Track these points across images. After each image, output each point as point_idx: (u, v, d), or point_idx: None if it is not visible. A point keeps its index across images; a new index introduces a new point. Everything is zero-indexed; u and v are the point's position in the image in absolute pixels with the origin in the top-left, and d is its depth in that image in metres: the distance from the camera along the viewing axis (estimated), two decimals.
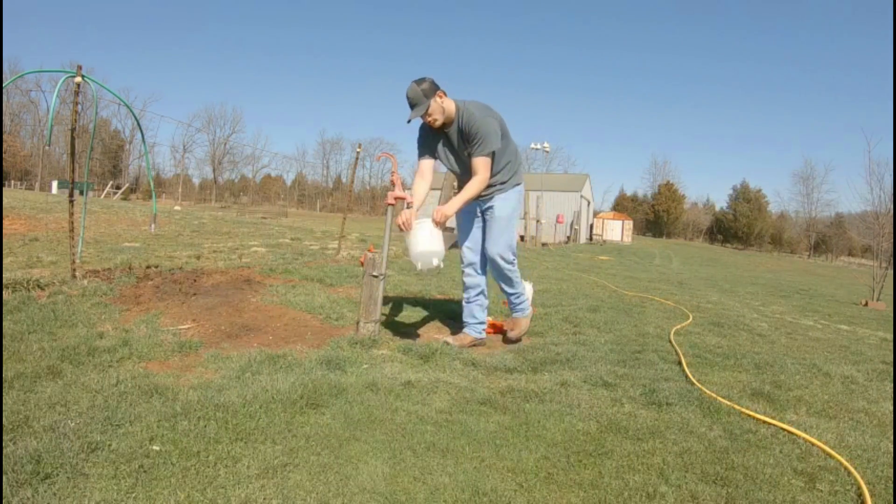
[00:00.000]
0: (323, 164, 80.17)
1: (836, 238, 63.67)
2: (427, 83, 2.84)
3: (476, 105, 2.96)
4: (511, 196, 3.17)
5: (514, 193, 3.18)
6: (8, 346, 2.61)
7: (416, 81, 2.84)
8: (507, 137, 3.08)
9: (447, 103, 2.91)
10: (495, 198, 3.14)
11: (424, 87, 2.83)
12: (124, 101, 5.39)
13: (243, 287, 4.05)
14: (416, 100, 2.83)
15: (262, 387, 2.23)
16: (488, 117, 2.91)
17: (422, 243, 2.87)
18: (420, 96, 2.82)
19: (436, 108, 2.87)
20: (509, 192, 3.16)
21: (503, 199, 3.14)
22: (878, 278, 8.79)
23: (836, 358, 3.46)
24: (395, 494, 1.55)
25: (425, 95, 2.82)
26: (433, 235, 2.89)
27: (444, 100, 2.89)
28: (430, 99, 2.84)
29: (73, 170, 3.95)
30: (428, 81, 2.85)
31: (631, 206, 70.67)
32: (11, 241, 6.66)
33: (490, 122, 2.91)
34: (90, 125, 40.76)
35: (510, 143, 3.15)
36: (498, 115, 3.01)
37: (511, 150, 3.16)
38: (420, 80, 2.85)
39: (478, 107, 2.95)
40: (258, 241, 9.20)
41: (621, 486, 1.65)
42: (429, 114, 2.88)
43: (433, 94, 2.84)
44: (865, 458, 1.91)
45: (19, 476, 1.48)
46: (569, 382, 2.55)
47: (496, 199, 3.14)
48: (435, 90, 2.85)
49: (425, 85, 2.83)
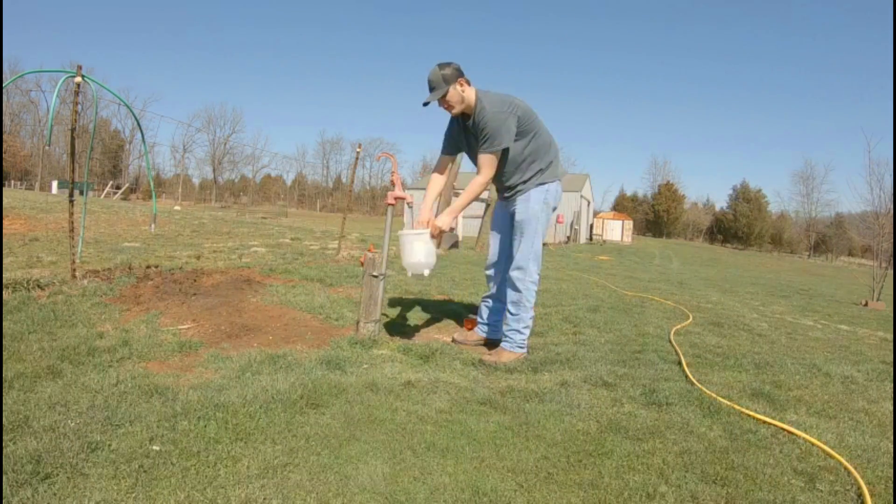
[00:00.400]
0: (323, 164, 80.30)
1: (836, 238, 63.69)
2: (451, 69, 2.72)
3: (494, 98, 2.80)
4: (533, 196, 2.92)
5: (536, 193, 2.92)
6: (8, 346, 2.61)
7: (439, 65, 2.72)
8: (529, 133, 2.87)
9: (468, 92, 2.77)
10: (516, 200, 2.97)
11: (446, 72, 2.70)
12: (124, 101, 5.39)
13: (243, 287, 4.05)
14: (435, 83, 2.72)
15: (262, 387, 2.23)
16: (501, 112, 2.75)
17: (416, 254, 2.86)
18: (440, 81, 2.70)
19: (454, 95, 2.74)
20: (531, 193, 2.93)
21: (523, 200, 2.94)
22: (878, 278, 8.79)
23: (836, 358, 3.46)
24: (395, 494, 1.55)
25: (445, 80, 2.70)
26: (429, 248, 2.87)
27: (465, 88, 2.76)
28: (450, 85, 2.71)
29: (73, 170, 3.95)
30: (452, 67, 2.73)
31: (631, 206, 70.62)
32: (11, 241, 6.67)
33: (501, 117, 2.74)
34: (90, 125, 40.77)
35: (537, 138, 2.90)
36: (519, 110, 2.81)
37: (536, 146, 2.90)
38: (444, 63, 2.73)
39: (494, 100, 2.78)
40: (258, 241, 9.20)
41: (621, 486, 1.65)
42: (446, 100, 2.76)
43: (454, 81, 2.72)
44: (865, 458, 1.91)
45: (19, 476, 1.48)
46: (569, 382, 2.55)
47: (517, 201, 2.97)
48: (457, 77, 2.73)
49: (448, 70, 2.71)
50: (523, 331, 2.93)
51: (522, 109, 2.83)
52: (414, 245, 2.86)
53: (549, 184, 2.95)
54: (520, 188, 2.96)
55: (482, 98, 2.79)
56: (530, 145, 2.88)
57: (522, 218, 2.93)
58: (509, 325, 2.95)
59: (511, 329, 2.94)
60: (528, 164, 2.91)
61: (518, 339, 2.92)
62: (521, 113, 2.82)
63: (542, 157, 2.93)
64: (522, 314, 2.92)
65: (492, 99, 2.79)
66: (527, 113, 2.84)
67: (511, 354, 2.89)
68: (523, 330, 2.93)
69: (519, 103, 2.83)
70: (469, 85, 2.78)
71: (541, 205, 2.93)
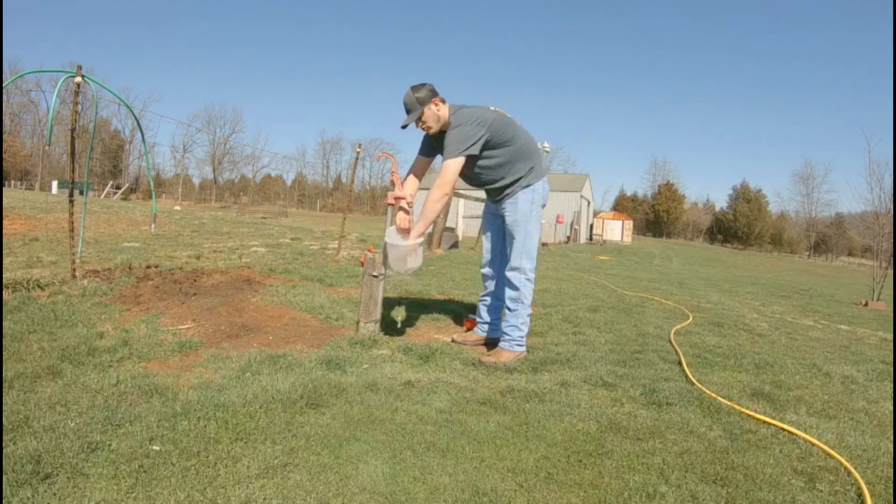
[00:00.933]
0: (323, 164, 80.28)
1: (836, 238, 63.72)
2: (424, 90, 2.80)
3: (462, 113, 2.85)
4: (520, 198, 2.98)
5: (523, 194, 2.99)
6: (8, 346, 2.61)
7: (413, 87, 2.82)
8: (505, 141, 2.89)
9: (443, 111, 2.86)
10: (504, 203, 3.03)
11: (420, 94, 2.79)
12: (124, 101, 5.39)
13: (243, 287, 4.05)
14: (410, 106, 2.81)
15: (262, 387, 2.23)
16: (464, 125, 2.80)
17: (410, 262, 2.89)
18: (414, 103, 2.80)
19: (430, 115, 2.83)
20: (518, 195, 2.99)
21: (511, 203, 3.00)
22: (878, 278, 8.79)
23: (836, 358, 3.46)
24: (395, 494, 1.55)
25: (420, 102, 2.79)
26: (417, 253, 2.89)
27: (440, 107, 2.84)
28: (425, 106, 2.80)
29: (73, 170, 3.95)
30: (426, 88, 2.81)
31: (631, 206, 70.66)
32: (11, 241, 6.67)
33: (463, 129, 2.79)
34: (90, 125, 40.81)
35: (515, 144, 2.92)
36: (489, 122, 2.83)
37: (515, 152, 2.94)
38: (418, 86, 2.82)
39: (462, 115, 2.84)
40: (258, 241, 9.20)
41: (621, 486, 1.65)
42: (423, 121, 2.85)
43: (429, 101, 2.81)
44: (865, 458, 1.91)
45: (19, 476, 1.48)
46: (569, 382, 2.55)
47: (506, 204, 3.02)
48: (432, 97, 2.81)
49: (422, 92, 2.80)
50: (522, 327, 2.95)
51: (494, 121, 2.87)
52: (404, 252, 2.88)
53: (535, 184, 3.01)
54: (507, 192, 3.01)
55: (455, 114, 2.87)
56: (508, 152, 2.94)
57: (513, 220, 2.98)
58: (508, 322, 2.97)
59: (510, 325, 2.95)
60: (508, 169, 2.97)
61: (516, 335, 2.94)
62: (493, 124, 2.86)
63: (524, 161, 2.98)
64: (521, 310, 2.95)
65: (460, 114, 2.86)
66: (499, 123, 2.89)
67: (510, 354, 2.89)
68: (521, 326, 2.95)
69: (490, 115, 2.88)
70: (444, 103, 2.86)
71: (529, 205, 2.99)
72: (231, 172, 72.43)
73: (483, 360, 2.85)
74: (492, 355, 2.89)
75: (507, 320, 2.98)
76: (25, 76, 31.32)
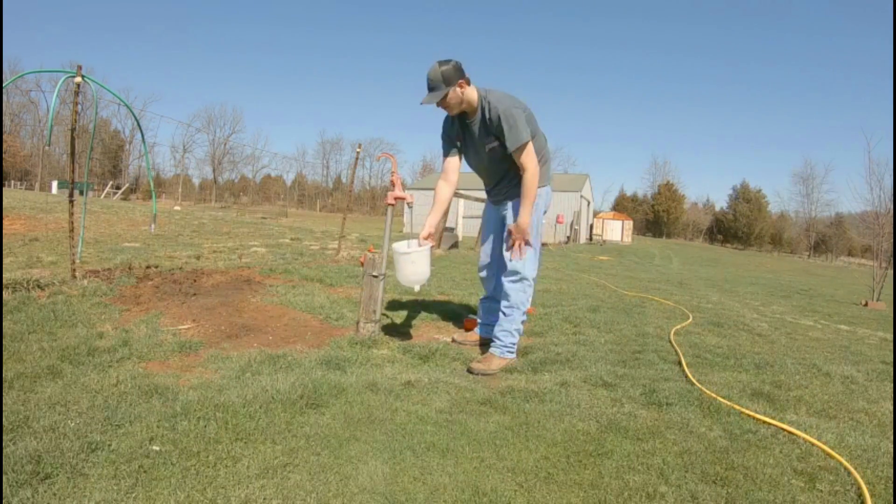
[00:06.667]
0: (323, 164, 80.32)
1: (836, 238, 63.72)
2: (451, 67, 2.60)
3: (501, 95, 2.71)
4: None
5: None
6: (8, 346, 2.61)
7: (439, 62, 2.61)
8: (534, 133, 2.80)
9: (469, 93, 2.68)
10: (507, 205, 2.93)
11: (447, 70, 2.58)
12: (124, 101, 5.39)
13: (243, 287, 4.05)
14: (434, 83, 2.61)
15: (262, 387, 2.23)
16: (515, 108, 2.67)
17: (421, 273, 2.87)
18: (439, 81, 2.59)
19: (454, 97, 2.65)
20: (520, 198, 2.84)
21: (513, 205, 2.89)
22: (878, 278, 8.79)
23: (836, 358, 3.46)
24: (395, 494, 1.55)
25: (445, 81, 2.59)
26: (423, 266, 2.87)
27: (465, 90, 2.66)
28: (450, 87, 2.61)
29: (73, 170, 3.95)
30: (452, 65, 2.61)
31: (631, 206, 70.65)
32: (11, 241, 6.66)
33: (517, 112, 2.67)
34: (90, 125, 40.77)
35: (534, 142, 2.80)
36: (526, 109, 2.76)
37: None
38: (444, 61, 2.61)
39: (502, 97, 2.70)
40: (258, 242, 9.20)
41: (621, 486, 1.65)
42: (445, 102, 2.68)
43: (455, 82, 2.61)
44: (865, 458, 1.91)
45: (19, 476, 1.48)
46: (569, 382, 2.55)
47: (508, 206, 2.92)
48: (458, 77, 2.62)
49: (448, 68, 2.59)
50: (514, 333, 2.87)
51: (526, 110, 2.77)
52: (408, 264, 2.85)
53: (540, 189, 2.86)
54: (511, 193, 2.91)
55: (488, 95, 2.71)
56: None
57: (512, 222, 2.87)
58: (501, 326, 2.87)
59: (503, 330, 2.86)
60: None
61: (508, 341, 2.85)
62: (526, 112, 2.76)
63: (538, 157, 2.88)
64: (515, 315, 2.86)
65: (499, 96, 2.71)
66: (529, 114, 2.79)
67: (501, 360, 2.79)
68: (514, 332, 2.87)
69: (524, 104, 2.78)
70: (469, 85, 2.70)
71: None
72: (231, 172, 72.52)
73: (472, 367, 2.71)
74: (482, 362, 2.77)
75: (501, 325, 2.87)
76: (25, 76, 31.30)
